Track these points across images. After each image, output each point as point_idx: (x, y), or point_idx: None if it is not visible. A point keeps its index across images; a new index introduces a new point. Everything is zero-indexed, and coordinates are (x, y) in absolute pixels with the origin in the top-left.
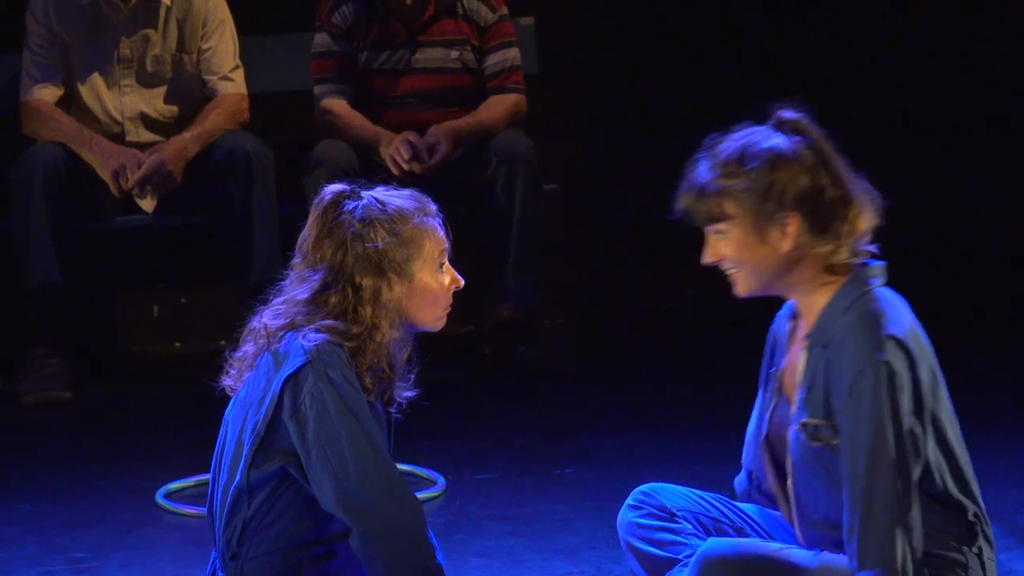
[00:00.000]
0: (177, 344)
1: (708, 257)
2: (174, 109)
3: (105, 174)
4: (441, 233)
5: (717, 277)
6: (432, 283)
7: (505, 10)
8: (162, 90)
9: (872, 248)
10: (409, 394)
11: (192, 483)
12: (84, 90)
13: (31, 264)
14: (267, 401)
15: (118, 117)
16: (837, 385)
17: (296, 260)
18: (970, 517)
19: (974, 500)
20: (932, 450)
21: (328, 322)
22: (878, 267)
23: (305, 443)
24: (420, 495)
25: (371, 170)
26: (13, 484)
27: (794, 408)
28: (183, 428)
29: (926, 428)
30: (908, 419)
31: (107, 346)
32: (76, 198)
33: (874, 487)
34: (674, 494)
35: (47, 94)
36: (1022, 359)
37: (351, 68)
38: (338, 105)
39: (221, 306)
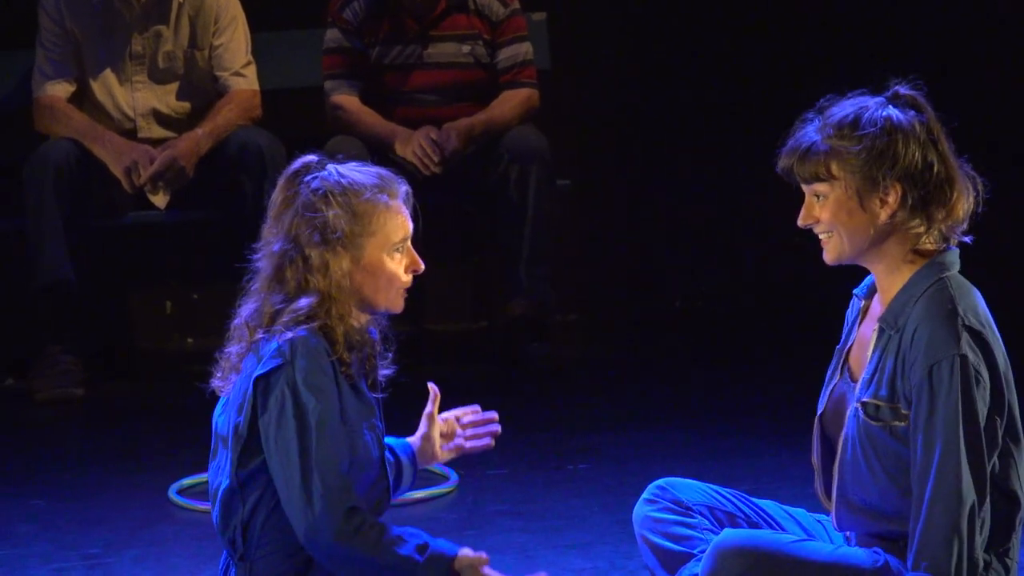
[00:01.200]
0: (189, 340)
1: (803, 220)
2: (186, 105)
3: (117, 170)
4: (403, 213)
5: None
6: (384, 262)
7: (517, 5)
8: (174, 86)
9: (966, 238)
10: (387, 372)
11: (204, 479)
12: (96, 86)
13: (43, 261)
14: (246, 403)
15: (130, 113)
16: (910, 373)
17: (266, 225)
18: (1017, 519)
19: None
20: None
21: (296, 305)
22: (953, 254)
23: (267, 446)
24: (433, 491)
25: (383, 166)
26: (26, 481)
27: (857, 386)
28: (195, 424)
29: (1003, 417)
30: (983, 413)
31: (119, 342)
32: (88, 194)
33: (939, 490)
34: (690, 488)
35: (60, 90)
36: None
37: (362, 64)
38: (349, 101)
39: (234, 302)
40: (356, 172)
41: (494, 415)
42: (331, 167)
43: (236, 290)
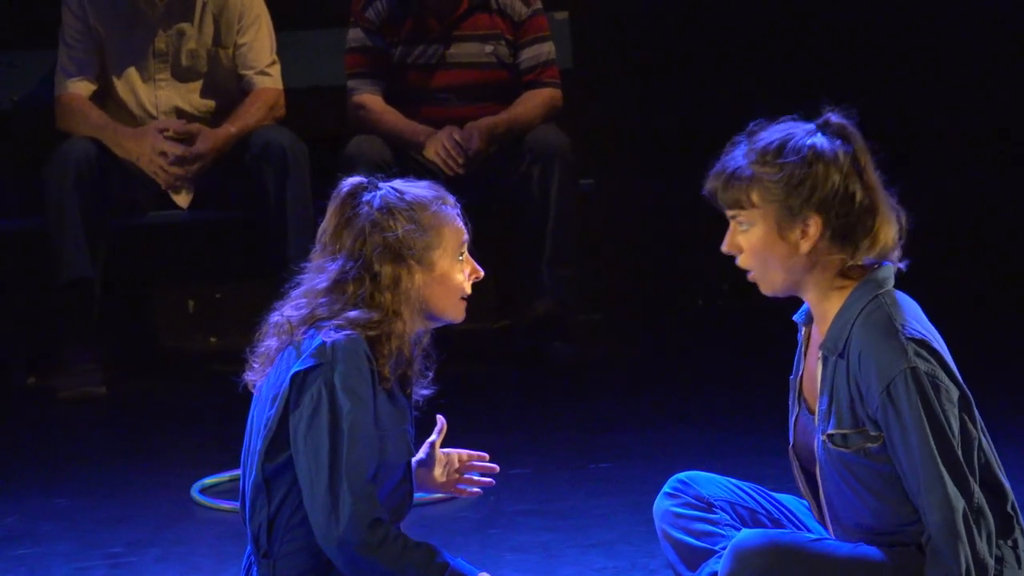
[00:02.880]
0: (212, 339)
1: (726, 247)
2: (210, 104)
3: (145, 159)
4: (460, 223)
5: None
6: (452, 272)
7: (539, 4)
8: (197, 84)
9: (901, 264)
10: (426, 392)
11: (227, 478)
12: (119, 84)
13: (64, 259)
14: (279, 397)
15: (153, 111)
16: (868, 398)
17: (315, 252)
18: (1008, 508)
19: (1009, 489)
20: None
21: (351, 314)
22: (886, 269)
23: (296, 444)
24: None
25: (406, 165)
26: (49, 480)
27: (816, 419)
28: (218, 423)
29: (972, 414)
30: (953, 415)
31: (142, 341)
32: (108, 192)
33: (930, 503)
34: (711, 483)
35: (81, 88)
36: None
37: (385, 63)
38: (371, 100)
39: (256, 301)
40: (414, 187)
41: (495, 467)
42: (384, 185)
43: (258, 289)
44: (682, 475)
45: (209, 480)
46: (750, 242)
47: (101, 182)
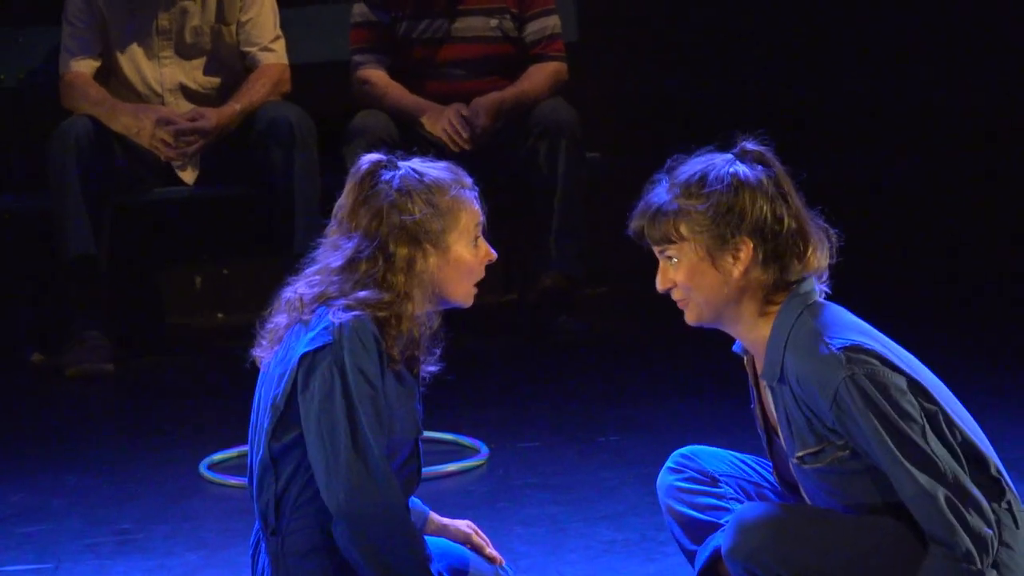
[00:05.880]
0: (219, 315)
1: (660, 285)
2: (214, 80)
3: (144, 140)
4: (476, 206)
5: None
6: (467, 255)
7: None
8: (201, 62)
9: (825, 287)
10: (432, 369)
11: (235, 454)
12: (124, 61)
13: (67, 236)
14: (286, 376)
15: (158, 89)
16: (823, 417)
17: (331, 227)
18: (993, 473)
19: (991, 454)
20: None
21: (361, 294)
22: (807, 283)
23: (308, 423)
24: (464, 464)
25: (411, 141)
26: (57, 457)
27: (783, 443)
28: (225, 399)
29: (930, 396)
30: (904, 403)
31: (149, 318)
32: (110, 169)
33: (913, 500)
34: (715, 458)
35: (84, 67)
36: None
37: (390, 38)
38: (376, 75)
39: (263, 277)
40: (433, 169)
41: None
42: (404, 165)
43: (265, 265)
44: (684, 450)
45: (217, 456)
46: (683, 274)
47: (101, 159)
